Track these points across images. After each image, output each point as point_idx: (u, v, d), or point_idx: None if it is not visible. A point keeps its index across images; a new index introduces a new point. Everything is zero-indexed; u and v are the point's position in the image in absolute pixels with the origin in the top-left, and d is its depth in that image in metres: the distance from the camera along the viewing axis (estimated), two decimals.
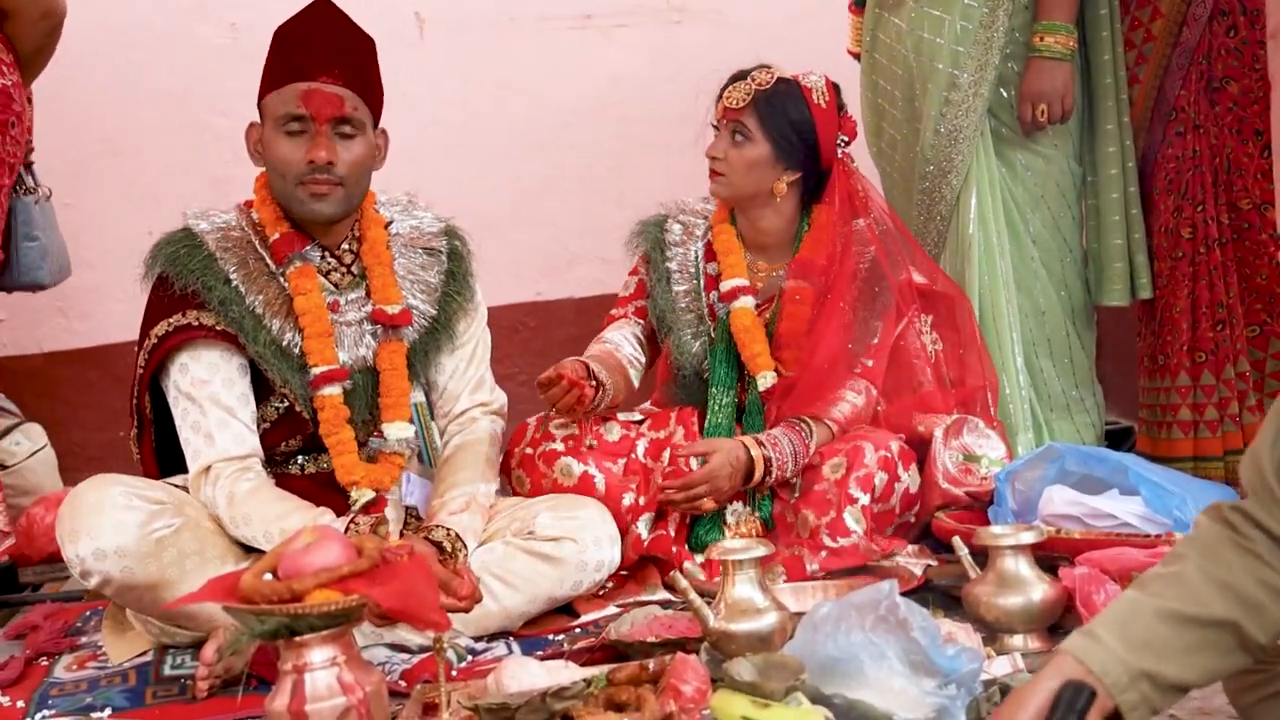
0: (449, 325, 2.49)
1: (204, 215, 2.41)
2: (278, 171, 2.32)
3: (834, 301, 2.62)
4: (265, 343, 2.32)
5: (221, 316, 2.29)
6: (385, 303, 2.40)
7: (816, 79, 2.68)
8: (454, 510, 2.32)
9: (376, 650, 2.22)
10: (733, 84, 2.66)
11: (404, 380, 2.42)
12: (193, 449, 2.30)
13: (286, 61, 2.31)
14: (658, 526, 2.55)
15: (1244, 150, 2.83)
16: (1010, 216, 2.95)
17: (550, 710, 1.72)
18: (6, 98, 2.64)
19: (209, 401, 2.29)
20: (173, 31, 3.72)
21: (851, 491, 2.46)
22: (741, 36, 3.93)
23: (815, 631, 1.70)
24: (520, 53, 3.90)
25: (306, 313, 2.33)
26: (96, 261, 3.56)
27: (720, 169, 2.66)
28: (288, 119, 2.29)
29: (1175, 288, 2.91)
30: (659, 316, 2.75)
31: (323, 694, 1.59)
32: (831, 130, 2.67)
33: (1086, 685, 1.31)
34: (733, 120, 2.64)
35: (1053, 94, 2.84)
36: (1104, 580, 2.03)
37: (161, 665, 2.26)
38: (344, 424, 2.35)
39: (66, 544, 2.17)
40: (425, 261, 2.49)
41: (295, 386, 2.34)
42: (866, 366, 2.63)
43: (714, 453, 2.51)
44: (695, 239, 2.79)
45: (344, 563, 1.64)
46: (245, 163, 2.42)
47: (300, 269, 2.35)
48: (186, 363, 2.31)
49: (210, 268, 2.32)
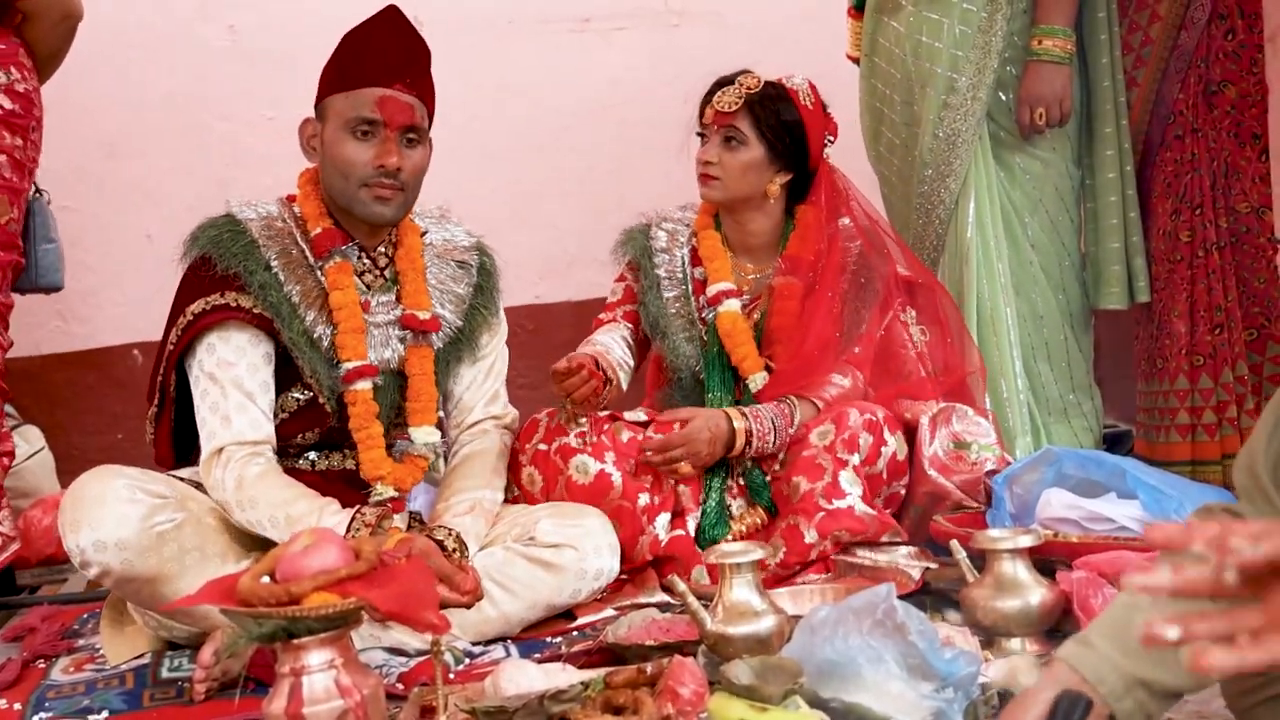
0: (473, 338, 2.54)
1: (248, 204, 2.43)
2: (340, 171, 2.34)
3: (822, 292, 2.65)
4: (299, 331, 2.34)
5: (259, 300, 2.31)
6: (416, 308, 2.44)
7: (800, 81, 2.71)
8: (458, 513, 2.33)
9: (374, 653, 2.22)
10: (720, 89, 2.68)
11: (432, 385, 2.45)
12: (208, 429, 2.31)
13: (361, 65, 2.33)
14: (675, 526, 2.57)
15: (1242, 154, 2.83)
16: (1009, 220, 2.96)
17: (548, 713, 1.72)
18: (28, 103, 2.66)
19: (231, 384, 2.31)
20: (173, 34, 3.72)
21: (840, 455, 2.48)
22: (740, 39, 3.94)
23: (813, 634, 1.70)
24: (519, 55, 3.91)
25: (342, 308, 2.36)
26: (95, 265, 3.57)
27: (714, 173, 2.67)
28: (359, 122, 2.31)
29: (1173, 291, 2.92)
30: (652, 323, 2.77)
31: (320, 697, 1.59)
32: (820, 130, 2.71)
33: (1083, 695, 1.31)
34: (725, 125, 2.66)
35: (1051, 98, 2.85)
36: (1101, 584, 2.03)
37: (159, 668, 2.26)
38: (374, 419, 2.38)
39: (68, 533, 2.17)
40: (456, 274, 2.54)
41: (323, 379, 2.36)
42: (854, 354, 2.66)
43: (693, 419, 2.55)
44: (680, 244, 2.82)
45: (342, 565, 1.64)
46: (245, 165, 2.43)
47: (338, 265, 2.38)
48: (215, 343, 2.33)
49: (252, 253, 2.34)
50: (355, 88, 2.32)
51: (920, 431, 2.57)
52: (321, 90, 2.38)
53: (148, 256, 3.71)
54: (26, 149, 2.67)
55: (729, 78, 2.70)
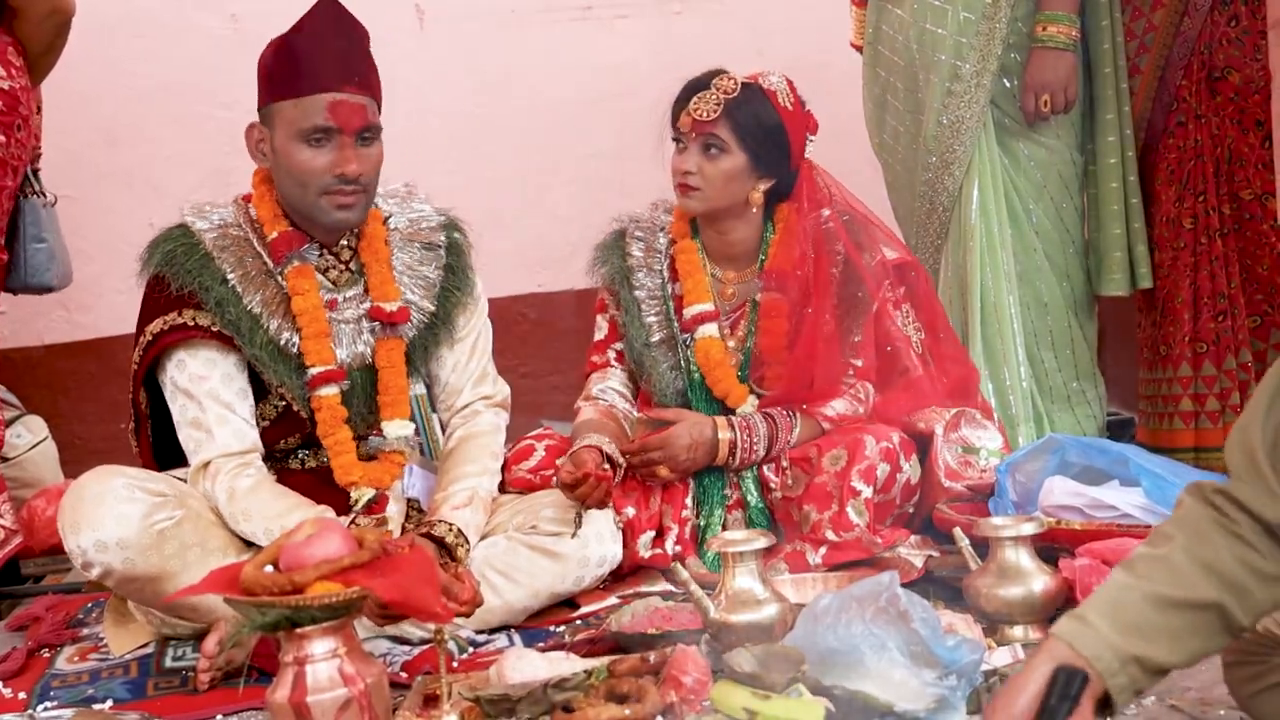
0: (448, 320, 2.47)
1: (201, 212, 2.37)
2: (296, 180, 2.27)
3: (817, 316, 2.56)
4: (262, 344, 2.30)
5: (218, 317, 2.28)
6: (383, 300, 2.39)
7: (777, 80, 2.59)
8: (456, 505, 2.32)
9: (377, 642, 2.22)
10: (696, 94, 2.56)
11: (402, 378, 2.41)
12: (192, 445, 2.30)
13: (306, 70, 2.25)
14: (655, 545, 2.54)
15: (1245, 141, 2.82)
16: (1013, 207, 2.95)
17: (551, 701, 1.73)
18: (13, 100, 2.64)
19: (208, 397, 2.29)
20: (173, 21, 3.71)
21: (854, 484, 2.44)
22: (742, 27, 3.93)
23: (816, 623, 1.70)
24: (521, 44, 3.90)
25: (304, 313, 2.31)
26: (96, 254, 3.56)
27: (694, 183, 2.56)
28: (312, 130, 2.24)
29: (1177, 278, 2.91)
30: (636, 359, 2.68)
31: (324, 685, 1.60)
32: (801, 131, 2.61)
33: (1079, 670, 1.33)
34: (704, 133, 2.55)
35: (1056, 84, 2.84)
36: (1104, 571, 2.02)
37: (163, 657, 2.26)
38: (341, 424, 2.35)
39: (68, 535, 2.17)
40: (424, 256, 2.47)
41: (293, 387, 2.33)
42: (859, 367, 2.59)
43: (679, 422, 2.52)
44: (658, 254, 2.71)
45: (345, 555, 1.64)
46: (244, 153, 2.41)
47: (298, 269, 2.33)
48: (184, 359, 2.30)
49: (207, 267, 2.30)
50: (303, 94, 2.24)
51: (935, 442, 2.54)
52: (264, 95, 2.30)
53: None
54: (10, 146, 2.64)
55: (703, 80, 2.58)
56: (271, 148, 2.30)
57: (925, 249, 3.04)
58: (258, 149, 2.33)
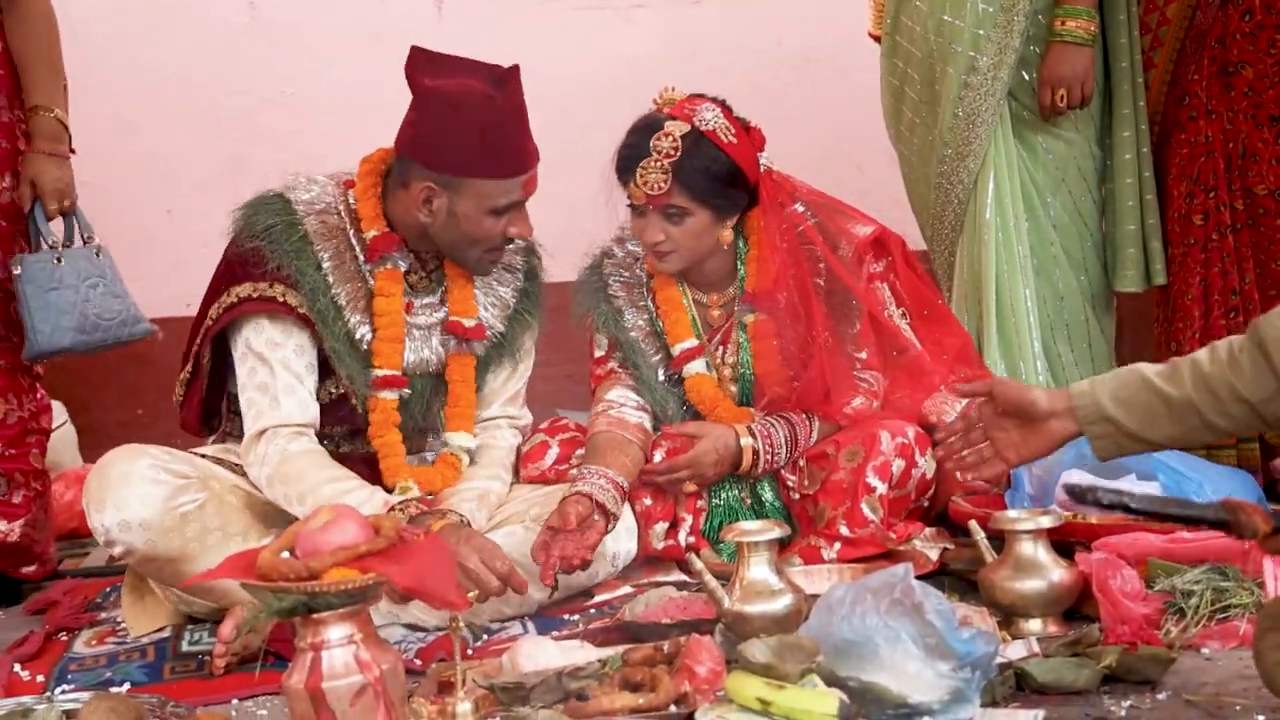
0: (513, 342, 2.54)
1: (303, 186, 2.40)
2: (469, 239, 2.35)
3: (811, 332, 2.53)
4: (340, 335, 2.34)
5: (307, 303, 2.31)
6: (461, 315, 2.45)
7: (712, 114, 2.51)
8: (465, 499, 2.34)
9: (393, 629, 2.23)
10: (640, 164, 2.49)
11: (472, 392, 2.47)
12: (256, 409, 2.32)
13: (513, 154, 2.34)
14: (669, 536, 2.56)
15: (1259, 136, 2.80)
16: (1030, 200, 2.94)
17: (565, 690, 1.73)
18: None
19: (280, 365, 2.32)
20: (191, 10, 3.72)
21: (869, 480, 2.44)
22: (759, 17, 3.93)
23: (830, 614, 1.70)
24: (539, 34, 3.89)
25: (384, 314, 2.36)
26: (112, 241, 3.56)
27: (666, 249, 2.53)
28: (509, 205, 2.34)
29: (1187, 274, 2.90)
30: (650, 394, 2.62)
31: (339, 671, 1.60)
32: (751, 156, 2.54)
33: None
34: (660, 205, 2.50)
35: (1073, 79, 2.83)
36: (1120, 565, 2.02)
37: (180, 641, 2.28)
38: (392, 428, 2.39)
39: (93, 512, 2.20)
40: (502, 278, 2.53)
41: (359, 383, 2.37)
42: (863, 359, 2.58)
43: (702, 438, 2.52)
44: (639, 289, 2.67)
45: (361, 541, 1.65)
46: (261, 141, 2.42)
47: (389, 272, 2.38)
48: (264, 323, 2.33)
49: (304, 251, 2.33)
50: (509, 175, 2.33)
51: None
52: (458, 168, 2.30)
53: (166, 232, 3.72)
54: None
55: (638, 142, 2.52)
56: (449, 211, 2.33)
57: (941, 241, 3.03)
58: (423, 206, 2.34)
